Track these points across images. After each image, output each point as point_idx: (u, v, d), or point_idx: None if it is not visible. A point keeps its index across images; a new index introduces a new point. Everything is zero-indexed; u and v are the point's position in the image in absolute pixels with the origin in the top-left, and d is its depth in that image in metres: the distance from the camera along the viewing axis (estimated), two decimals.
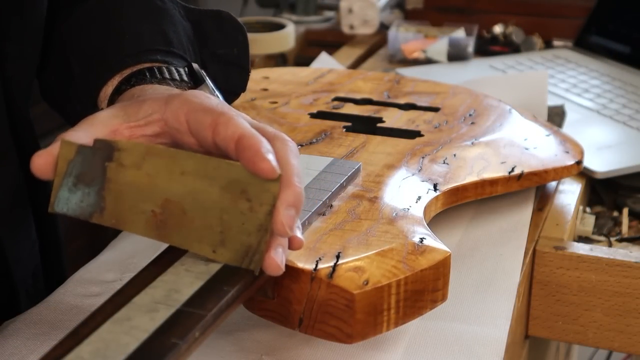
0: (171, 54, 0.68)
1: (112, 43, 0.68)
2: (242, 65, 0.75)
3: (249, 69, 0.76)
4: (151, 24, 0.69)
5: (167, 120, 0.55)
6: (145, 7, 0.71)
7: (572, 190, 0.88)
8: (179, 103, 0.55)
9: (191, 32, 0.73)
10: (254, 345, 0.61)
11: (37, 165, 0.53)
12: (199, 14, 0.75)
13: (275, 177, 0.51)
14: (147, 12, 0.71)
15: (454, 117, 0.86)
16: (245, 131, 0.52)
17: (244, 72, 0.75)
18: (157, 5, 0.71)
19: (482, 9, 1.50)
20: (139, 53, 0.66)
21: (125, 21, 0.70)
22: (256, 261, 0.52)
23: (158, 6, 0.71)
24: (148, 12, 0.71)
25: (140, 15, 0.70)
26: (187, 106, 0.55)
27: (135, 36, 0.68)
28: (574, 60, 1.31)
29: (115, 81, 0.65)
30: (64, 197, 0.54)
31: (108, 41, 0.69)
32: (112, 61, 0.66)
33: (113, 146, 0.53)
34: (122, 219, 0.54)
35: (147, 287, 0.51)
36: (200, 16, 0.75)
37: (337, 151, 0.76)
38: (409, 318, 0.58)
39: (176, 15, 0.72)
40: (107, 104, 0.65)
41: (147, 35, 0.68)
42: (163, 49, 0.67)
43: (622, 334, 0.77)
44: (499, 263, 0.72)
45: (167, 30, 0.69)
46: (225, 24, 0.75)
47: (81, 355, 0.46)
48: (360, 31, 1.43)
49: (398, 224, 0.62)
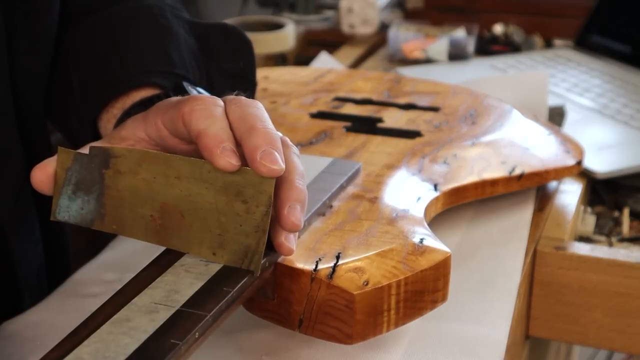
0: (173, 75, 0.68)
1: (114, 61, 0.69)
2: (248, 78, 0.75)
3: (255, 82, 0.76)
4: (154, 43, 0.70)
5: (150, 133, 0.56)
6: (149, 25, 0.72)
7: (572, 190, 0.88)
8: (154, 112, 0.56)
9: (196, 47, 0.73)
10: (254, 346, 0.61)
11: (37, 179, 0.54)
12: (204, 28, 0.75)
13: (235, 171, 0.51)
14: (151, 31, 0.71)
15: (454, 117, 0.86)
16: (201, 129, 0.52)
17: (250, 85, 0.76)
18: (161, 24, 0.72)
19: (483, 9, 1.50)
20: (140, 74, 0.67)
21: (128, 40, 0.70)
22: (256, 262, 0.52)
23: (162, 24, 0.72)
24: (151, 31, 0.71)
25: (143, 34, 0.71)
26: (160, 110, 0.56)
27: (138, 56, 0.69)
28: (574, 60, 1.31)
29: (116, 110, 0.66)
30: (64, 204, 0.54)
31: (110, 59, 0.69)
32: (113, 81, 0.67)
33: (109, 153, 0.53)
34: (123, 225, 0.54)
35: (146, 287, 0.51)
36: (206, 30, 0.75)
37: (337, 151, 0.75)
38: (409, 319, 0.58)
39: (180, 32, 0.72)
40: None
41: (149, 55, 0.69)
42: (165, 70, 0.68)
43: (622, 334, 0.77)
44: (499, 263, 0.72)
45: (170, 50, 0.69)
46: (231, 37, 0.75)
47: (81, 356, 0.46)
48: (360, 31, 1.43)
49: (398, 225, 0.62)
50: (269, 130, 0.52)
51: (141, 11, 0.73)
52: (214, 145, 0.51)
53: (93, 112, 0.67)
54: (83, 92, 0.69)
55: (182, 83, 0.67)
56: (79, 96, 0.70)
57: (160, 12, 0.73)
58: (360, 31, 1.43)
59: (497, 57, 1.34)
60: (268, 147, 0.51)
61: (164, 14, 0.73)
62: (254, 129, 0.52)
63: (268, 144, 0.51)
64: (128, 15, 0.72)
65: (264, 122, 0.53)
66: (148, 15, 0.72)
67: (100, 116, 0.68)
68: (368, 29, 1.42)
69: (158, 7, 0.73)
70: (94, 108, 0.67)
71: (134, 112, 0.63)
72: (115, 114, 0.66)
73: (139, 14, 0.73)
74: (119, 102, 0.67)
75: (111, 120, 0.67)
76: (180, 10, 0.76)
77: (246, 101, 0.54)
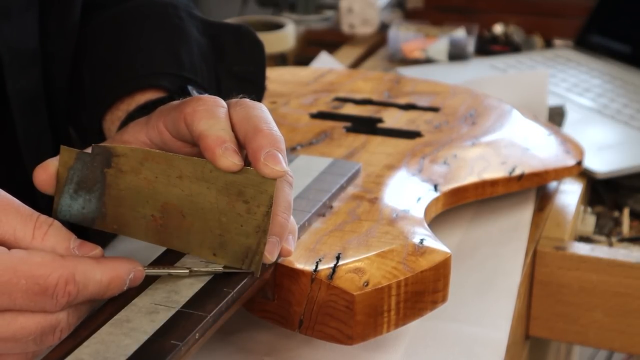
0: (180, 77, 0.68)
1: (123, 61, 0.69)
2: (257, 82, 0.75)
3: (264, 86, 0.76)
4: (165, 44, 0.70)
5: (152, 136, 0.56)
6: (163, 25, 0.71)
7: (572, 191, 0.88)
8: (156, 116, 0.57)
9: (207, 48, 0.73)
10: (254, 346, 0.61)
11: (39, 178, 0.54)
12: (217, 28, 0.75)
13: (237, 171, 0.51)
14: (163, 31, 0.71)
15: (454, 117, 0.86)
16: (203, 130, 0.52)
17: (259, 89, 0.76)
18: (175, 24, 0.72)
19: (483, 9, 1.50)
20: (147, 76, 0.67)
21: (139, 39, 0.70)
22: (256, 262, 0.52)
23: (176, 25, 0.72)
24: (164, 31, 0.71)
25: (155, 34, 0.71)
26: (162, 113, 0.56)
27: (147, 57, 0.69)
28: (574, 60, 1.31)
29: (120, 112, 0.66)
30: (65, 204, 0.54)
31: (119, 58, 0.69)
32: (120, 81, 0.67)
33: (111, 152, 0.53)
34: (124, 225, 0.54)
35: (147, 288, 0.52)
36: (219, 30, 0.75)
37: (337, 152, 0.75)
38: (410, 319, 0.58)
39: (193, 33, 0.72)
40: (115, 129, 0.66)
41: (158, 56, 0.69)
42: (173, 72, 0.68)
43: (623, 334, 0.77)
44: (499, 263, 0.72)
45: (181, 52, 0.69)
46: (244, 39, 0.75)
47: (81, 357, 0.46)
48: (361, 31, 1.42)
49: (398, 225, 0.62)
50: (274, 132, 0.52)
51: (156, 9, 0.73)
52: (215, 146, 0.51)
53: (99, 111, 0.67)
54: (92, 90, 0.70)
55: (187, 87, 0.67)
56: (88, 93, 0.70)
57: (175, 11, 0.72)
58: (360, 31, 1.43)
59: (497, 57, 1.34)
60: (272, 148, 0.51)
61: (179, 14, 0.72)
62: (259, 130, 0.52)
63: (272, 146, 0.51)
64: (142, 14, 0.72)
65: (268, 123, 0.53)
66: (162, 14, 0.72)
67: (105, 117, 0.68)
68: (368, 29, 1.42)
69: (173, 6, 0.73)
70: (100, 107, 0.67)
71: (138, 115, 0.63)
72: (120, 116, 0.66)
73: (154, 12, 0.72)
74: (124, 103, 0.67)
75: (115, 122, 0.67)
76: (193, 8, 0.76)
77: (250, 103, 0.55)
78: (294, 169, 0.62)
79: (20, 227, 0.47)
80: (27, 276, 0.45)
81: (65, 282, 0.46)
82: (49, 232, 0.48)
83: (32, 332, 0.46)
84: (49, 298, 0.45)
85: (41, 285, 0.45)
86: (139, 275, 0.50)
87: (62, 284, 0.46)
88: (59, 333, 0.47)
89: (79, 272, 0.46)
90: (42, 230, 0.48)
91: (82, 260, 0.47)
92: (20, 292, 0.45)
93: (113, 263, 0.49)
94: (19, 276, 0.45)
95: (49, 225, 0.48)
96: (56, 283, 0.45)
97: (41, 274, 0.45)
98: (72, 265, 0.46)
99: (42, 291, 0.45)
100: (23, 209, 0.48)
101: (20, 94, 0.67)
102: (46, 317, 0.46)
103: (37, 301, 0.45)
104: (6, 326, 0.45)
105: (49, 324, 0.46)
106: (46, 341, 0.47)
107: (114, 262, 0.49)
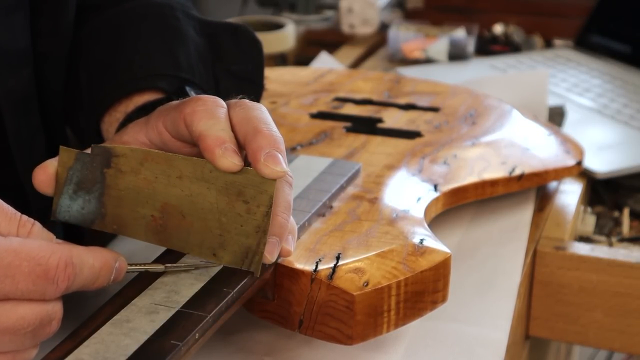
0: (178, 78, 0.68)
1: (120, 63, 0.69)
2: (255, 81, 0.75)
3: (263, 85, 0.76)
4: (162, 45, 0.70)
5: (151, 137, 0.56)
6: (159, 26, 0.71)
7: (572, 191, 0.88)
8: (155, 116, 0.57)
9: (204, 48, 0.72)
10: (255, 346, 0.61)
11: (38, 179, 0.54)
12: (215, 28, 0.75)
13: (237, 171, 0.51)
14: (160, 32, 0.71)
15: (454, 117, 0.86)
16: (202, 130, 0.52)
17: (257, 89, 0.75)
18: (172, 25, 0.71)
19: (483, 9, 1.50)
20: (145, 77, 0.67)
21: (136, 41, 0.70)
22: (256, 262, 0.52)
23: (172, 25, 0.71)
24: (161, 32, 0.71)
25: (152, 35, 0.71)
26: (161, 114, 0.56)
27: (144, 58, 0.69)
28: (574, 60, 1.31)
29: (118, 114, 0.66)
30: (65, 204, 0.54)
31: (116, 60, 0.69)
32: (118, 83, 0.67)
33: (111, 152, 0.53)
34: (123, 225, 0.54)
35: (146, 288, 0.52)
36: (217, 30, 0.75)
37: (337, 152, 0.75)
38: (409, 319, 0.58)
39: (190, 33, 0.72)
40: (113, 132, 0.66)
41: (156, 58, 0.69)
42: (170, 73, 0.68)
43: (622, 334, 0.77)
44: (499, 263, 0.72)
45: (178, 53, 0.69)
46: (242, 38, 0.75)
47: (81, 357, 0.46)
48: (361, 31, 1.42)
49: (398, 225, 0.62)
50: (273, 133, 0.52)
51: (152, 10, 0.72)
52: (215, 146, 0.51)
53: (97, 112, 0.67)
54: (89, 91, 0.69)
55: (185, 88, 0.67)
56: (85, 95, 0.70)
57: (171, 12, 0.72)
58: (360, 31, 1.43)
59: (497, 57, 1.34)
60: (272, 149, 0.51)
61: (175, 14, 0.72)
62: (258, 130, 0.52)
63: (272, 146, 0.51)
64: (139, 15, 0.72)
65: (268, 124, 0.53)
66: (159, 15, 0.72)
67: (103, 118, 0.68)
68: (368, 29, 1.42)
69: (170, 7, 0.73)
70: (98, 108, 0.67)
71: (136, 117, 0.63)
72: (118, 118, 0.66)
73: (150, 13, 0.72)
74: (122, 105, 0.67)
75: (113, 123, 0.67)
76: (191, 8, 0.76)
77: (250, 104, 0.55)
78: (293, 169, 0.62)
79: (4, 225, 0.47)
80: (28, 258, 0.45)
81: (65, 264, 0.46)
82: (33, 230, 0.48)
83: (32, 323, 0.46)
84: (50, 282, 0.45)
85: (43, 266, 0.45)
86: (123, 266, 0.50)
87: (62, 265, 0.46)
88: (55, 324, 0.47)
89: (75, 255, 0.46)
90: (26, 228, 0.48)
91: (74, 246, 0.47)
92: (23, 275, 0.45)
93: (101, 251, 0.49)
94: (20, 258, 0.45)
95: (32, 224, 0.48)
96: (57, 264, 0.45)
97: (42, 255, 0.45)
98: (67, 249, 0.46)
99: (44, 273, 0.45)
100: (7, 209, 0.48)
101: (9, 94, 0.66)
102: (44, 307, 0.46)
103: (39, 285, 0.45)
104: (6, 316, 0.45)
105: (47, 313, 0.46)
106: (42, 334, 0.47)
107: (102, 250, 0.49)
